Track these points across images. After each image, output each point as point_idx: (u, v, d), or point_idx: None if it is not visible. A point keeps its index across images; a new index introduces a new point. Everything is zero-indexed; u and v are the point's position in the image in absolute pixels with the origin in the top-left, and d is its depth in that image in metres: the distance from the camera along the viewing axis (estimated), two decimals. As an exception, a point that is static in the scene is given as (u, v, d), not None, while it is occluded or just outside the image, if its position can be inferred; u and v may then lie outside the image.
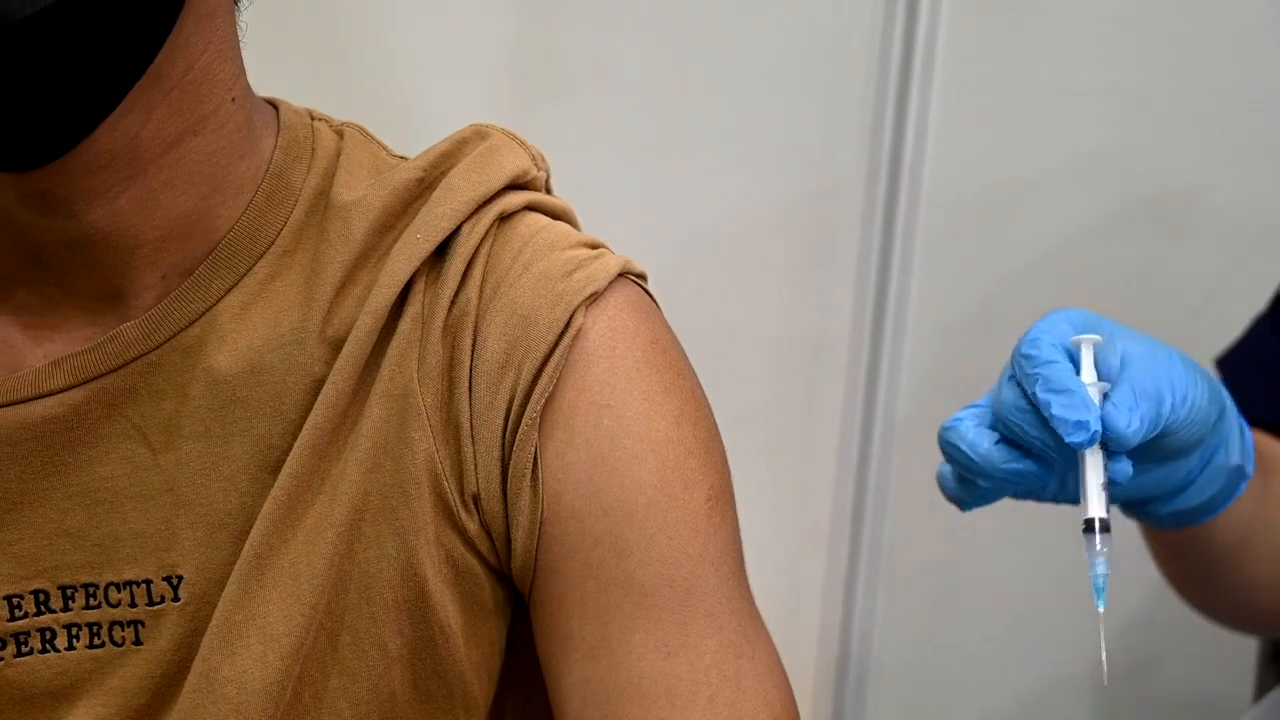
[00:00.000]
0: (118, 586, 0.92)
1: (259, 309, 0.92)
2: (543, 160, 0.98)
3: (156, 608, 0.92)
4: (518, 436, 0.90)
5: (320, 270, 0.92)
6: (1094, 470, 0.97)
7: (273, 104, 0.97)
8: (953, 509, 1.76)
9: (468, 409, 0.91)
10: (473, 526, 0.91)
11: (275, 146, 0.94)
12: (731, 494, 0.94)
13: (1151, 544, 1.19)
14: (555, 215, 0.97)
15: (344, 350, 0.91)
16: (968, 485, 1.02)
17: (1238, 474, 1.08)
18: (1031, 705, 1.80)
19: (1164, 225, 1.69)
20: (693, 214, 1.73)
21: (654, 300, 0.96)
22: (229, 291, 0.92)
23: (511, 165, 0.95)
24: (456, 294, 0.92)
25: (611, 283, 0.93)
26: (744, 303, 1.74)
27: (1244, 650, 1.57)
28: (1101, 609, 0.97)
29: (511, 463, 0.90)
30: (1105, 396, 0.97)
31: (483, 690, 0.94)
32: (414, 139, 1.01)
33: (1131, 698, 1.77)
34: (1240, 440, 1.07)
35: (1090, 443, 0.96)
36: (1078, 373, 0.98)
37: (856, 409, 1.76)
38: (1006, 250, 1.71)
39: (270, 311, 0.92)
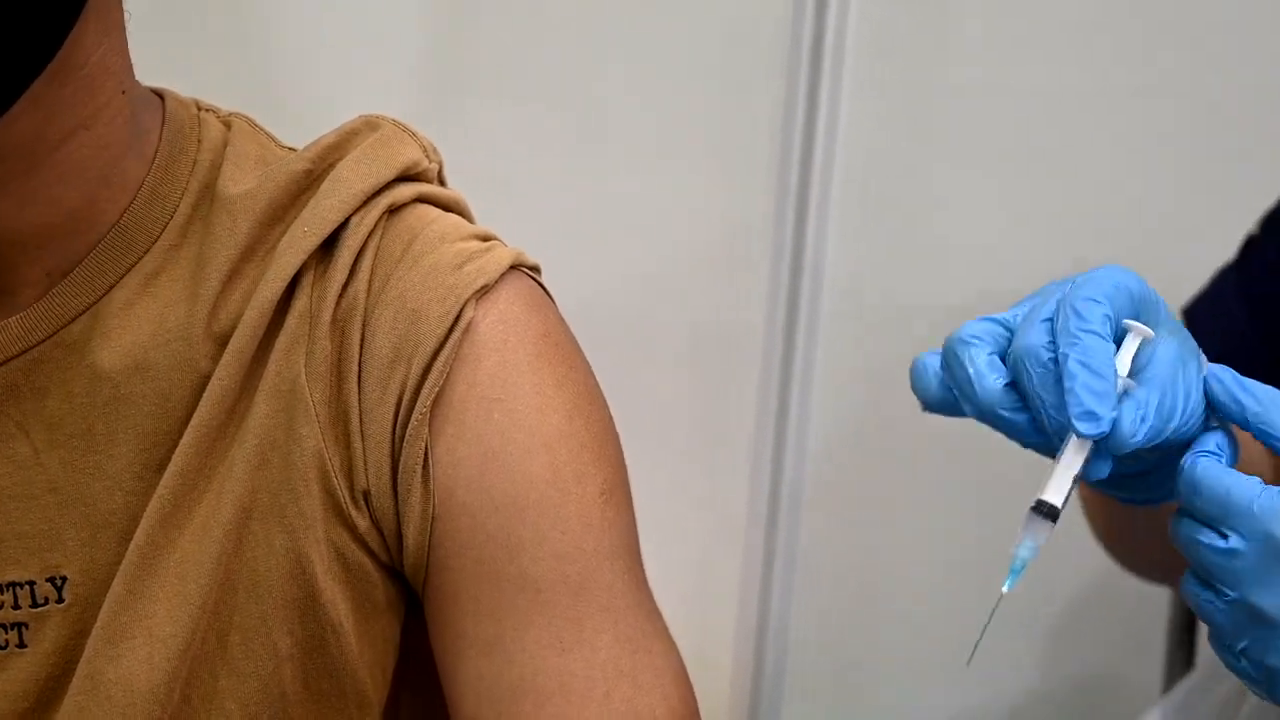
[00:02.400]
0: (0, 588, 0.90)
1: (144, 304, 0.90)
2: (434, 151, 0.97)
3: (40, 609, 0.90)
4: (408, 432, 0.89)
5: (206, 265, 0.91)
6: (1074, 458, 0.89)
7: (159, 94, 0.95)
8: (866, 508, 1.77)
9: (357, 404, 0.90)
10: (363, 523, 0.90)
11: (161, 138, 0.93)
12: (627, 488, 0.93)
13: (1084, 503, 1.18)
14: (447, 207, 0.95)
15: (230, 346, 0.89)
16: (947, 397, 0.93)
17: None
18: (946, 701, 1.80)
19: (1085, 216, 1.69)
20: (606, 208, 1.72)
21: (547, 292, 0.95)
22: (113, 287, 0.90)
23: (402, 157, 0.94)
24: (344, 288, 0.91)
25: (503, 275, 0.92)
26: (658, 297, 1.73)
27: (1154, 627, 1.59)
28: (1006, 590, 0.92)
29: (402, 458, 0.89)
30: (1124, 394, 0.89)
31: (376, 688, 0.93)
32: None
33: (1042, 683, 1.78)
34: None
35: (1093, 437, 0.87)
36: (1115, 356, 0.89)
37: (771, 403, 1.76)
38: (921, 239, 1.71)
39: (156, 307, 0.90)
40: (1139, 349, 0.91)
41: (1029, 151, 1.68)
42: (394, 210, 0.93)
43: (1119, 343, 0.91)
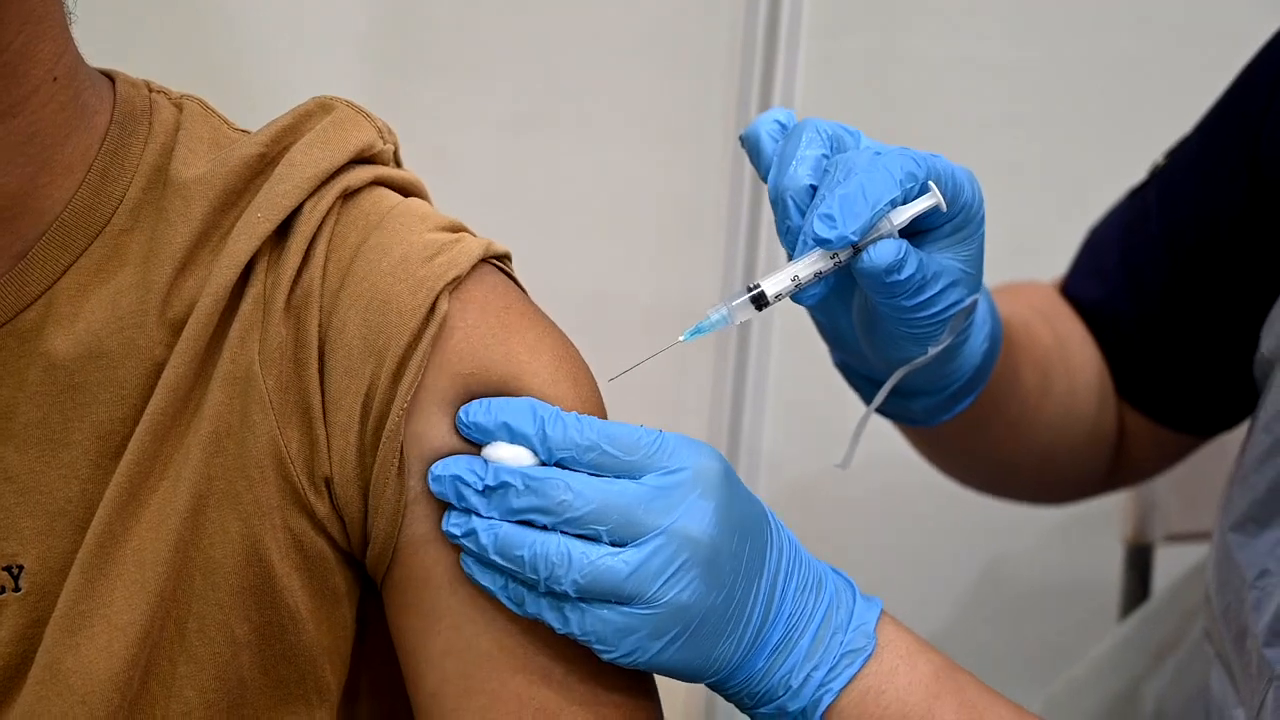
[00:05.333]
0: (-43, 578, 0.90)
1: (96, 291, 0.90)
2: (389, 133, 0.96)
3: None
4: (385, 428, 0.88)
5: (159, 250, 0.90)
6: (804, 264, 0.94)
7: (110, 76, 0.94)
8: (827, 480, 1.78)
9: (318, 391, 0.89)
10: (323, 509, 0.90)
11: (110, 121, 0.92)
12: None
13: (903, 430, 1.23)
14: (403, 189, 0.95)
15: (185, 333, 0.89)
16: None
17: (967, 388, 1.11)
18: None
19: (1046, 188, 1.70)
20: (562, 187, 1.72)
21: (518, 282, 0.95)
22: (65, 273, 0.89)
23: (356, 139, 0.93)
24: (299, 274, 0.90)
25: (474, 266, 0.91)
26: (613, 275, 1.73)
27: (1109, 555, 1.61)
28: (682, 340, 1.01)
29: (379, 454, 0.88)
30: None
31: (334, 675, 0.92)
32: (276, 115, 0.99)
33: (997, 664, 1.79)
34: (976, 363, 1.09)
35: (822, 238, 0.92)
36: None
37: (727, 380, 1.76)
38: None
39: (108, 293, 0.90)
40: (930, 216, 0.94)
41: (985, 125, 1.69)
42: (349, 194, 0.92)
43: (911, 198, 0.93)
